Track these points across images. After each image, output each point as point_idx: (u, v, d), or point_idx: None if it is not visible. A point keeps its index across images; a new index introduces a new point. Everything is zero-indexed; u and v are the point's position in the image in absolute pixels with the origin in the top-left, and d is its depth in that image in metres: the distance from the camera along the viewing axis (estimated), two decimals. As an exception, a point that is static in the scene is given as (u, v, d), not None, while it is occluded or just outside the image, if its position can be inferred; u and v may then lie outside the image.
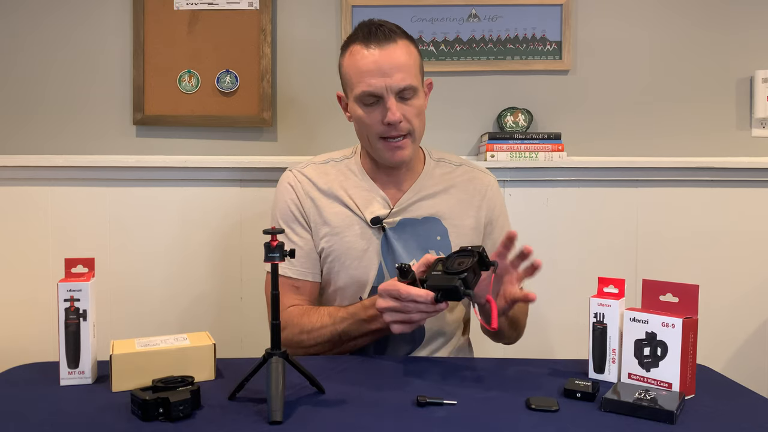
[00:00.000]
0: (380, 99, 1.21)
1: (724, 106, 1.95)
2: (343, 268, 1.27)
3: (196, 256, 1.91)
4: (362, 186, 1.31)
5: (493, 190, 1.37)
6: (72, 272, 1.02)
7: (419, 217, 1.29)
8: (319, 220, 1.30)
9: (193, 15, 1.89)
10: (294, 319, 1.23)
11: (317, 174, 1.33)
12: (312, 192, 1.31)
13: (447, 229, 1.30)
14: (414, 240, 1.28)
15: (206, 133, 1.92)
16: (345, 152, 1.38)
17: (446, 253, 1.28)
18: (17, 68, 1.89)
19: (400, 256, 1.26)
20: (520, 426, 0.85)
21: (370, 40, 1.21)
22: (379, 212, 1.28)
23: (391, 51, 1.20)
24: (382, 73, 1.19)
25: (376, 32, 1.21)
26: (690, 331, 0.96)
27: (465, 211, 1.32)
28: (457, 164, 1.38)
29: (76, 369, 0.99)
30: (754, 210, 1.94)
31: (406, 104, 1.22)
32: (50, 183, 1.88)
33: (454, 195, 1.33)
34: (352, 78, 1.24)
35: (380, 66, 1.19)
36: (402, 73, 1.20)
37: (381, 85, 1.20)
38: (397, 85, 1.20)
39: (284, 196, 1.33)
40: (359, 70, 1.21)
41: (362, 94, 1.22)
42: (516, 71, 1.93)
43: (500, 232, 1.36)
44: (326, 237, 1.29)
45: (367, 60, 1.20)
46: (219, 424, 0.85)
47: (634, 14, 1.93)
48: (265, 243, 0.91)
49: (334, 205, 1.30)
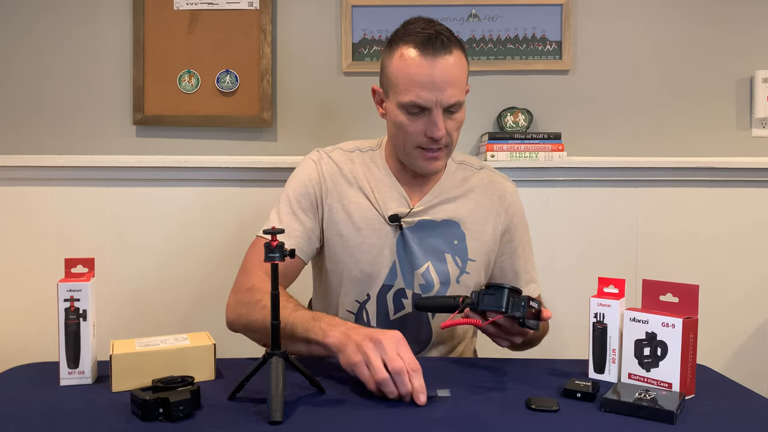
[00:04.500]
0: (426, 111, 1.18)
1: (724, 106, 1.95)
2: (355, 260, 1.26)
3: (196, 256, 1.91)
4: (384, 181, 1.29)
5: (514, 197, 1.35)
6: (72, 272, 1.01)
7: (438, 220, 1.27)
8: (337, 205, 1.27)
9: (193, 15, 1.89)
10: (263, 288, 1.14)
11: (343, 160, 1.31)
12: (335, 176, 1.29)
13: (465, 234, 1.28)
14: (430, 242, 1.27)
15: (206, 133, 1.92)
16: (371, 143, 1.35)
17: (462, 259, 1.27)
18: (17, 68, 1.90)
19: (416, 257, 1.25)
20: (520, 426, 0.85)
21: (427, 48, 1.15)
22: (398, 210, 1.26)
23: (446, 64, 1.15)
24: (434, 87, 1.15)
25: (435, 42, 1.15)
26: (690, 331, 0.96)
27: (484, 217, 1.31)
28: (478, 168, 1.36)
29: (76, 369, 0.99)
30: (754, 210, 1.94)
31: (450, 118, 1.19)
32: (50, 183, 1.88)
33: (473, 199, 1.31)
34: (400, 83, 1.18)
35: (434, 79, 1.15)
36: (453, 89, 1.16)
37: (432, 99, 1.16)
38: (448, 101, 1.16)
39: (305, 172, 1.30)
40: (411, 79, 1.16)
41: (410, 103, 1.17)
42: (516, 71, 1.94)
43: (519, 241, 1.34)
44: (343, 224, 1.26)
45: (421, 70, 1.15)
46: (219, 424, 0.85)
47: (634, 14, 1.94)
48: (265, 243, 0.91)
49: (355, 194, 1.27)
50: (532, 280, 1.36)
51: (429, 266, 1.26)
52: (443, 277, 1.26)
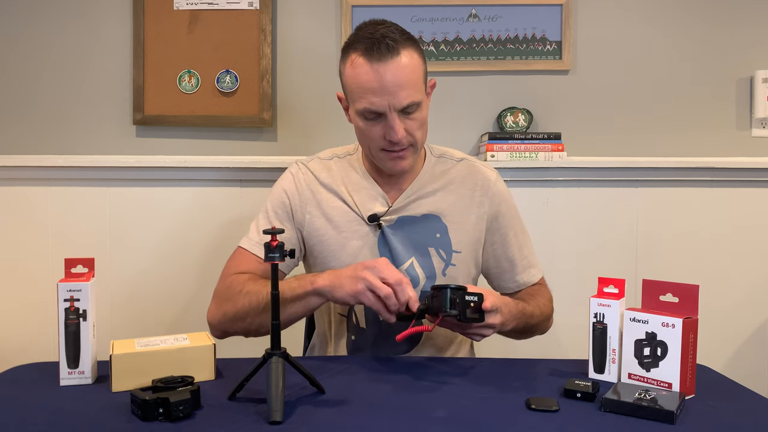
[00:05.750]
0: (382, 115, 1.17)
1: (724, 106, 1.95)
2: (339, 264, 1.26)
3: (196, 256, 1.91)
4: (362, 183, 1.30)
5: (496, 184, 1.33)
6: (72, 272, 1.02)
7: (418, 215, 1.28)
8: (316, 212, 1.28)
9: (193, 15, 1.89)
10: (239, 279, 1.21)
11: (320, 168, 1.32)
12: (313, 185, 1.30)
13: (447, 227, 1.29)
14: (412, 237, 1.27)
15: (206, 133, 1.92)
16: (348, 148, 1.37)
17: (446, 251, 1.28)
18: (17, 68, 1.90)
19: (398, 253, 1.26)
20: (520, 426, 0.85)
21: (372, 54, 1.14)
22: (377, 210, 1.27)
23: (394, 67, 1.14)
24: (385, 92, 1.14)
25: (379, 46, 1.14)
26: (690, 331, 0.96)
27: (466, 207, 1.30)
28: (458, 159, 1.35)
29: (76, 369, 0.99)
30: (754, 210, 1.94)
31: (409, 118, 1.19)
32: (50, 183, 1.88)
33: (453, 191, 1.31)
34: (354, 91, 1.19)
35: (383, 84, 1.14)
36: (406, 91, 1.15)
37: (384, 104, 1.15)
38: (401, 104, 1.16)
39: (282, 185, 1.32)
40: (361, 87, 1.16)
41: (364, 110, 1.18)
42: (516, 71, 1.94)
43: (509, 227, 1.33)
44: (323, 230, 1.28)
45: (369, 77, 1.15)
46: (219, 424, 0.85)
47: (634, 14, 1.94)
48: (266, 243, 0.91)
49: (333, 199, 1.29)
50: (530, 265, 1.35)
51: (413, 262, 1.26)
52: (428, 272, 1.27)
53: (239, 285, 1.20)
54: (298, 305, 1.13)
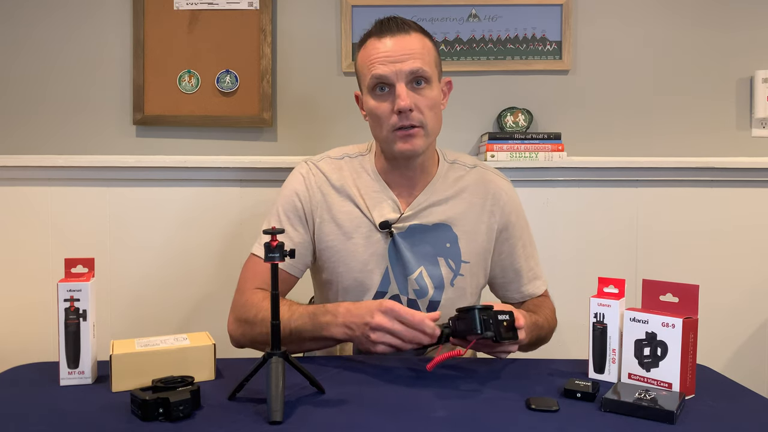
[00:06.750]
0: (391, 87, 1.19)
1: (724, 106, 1.95)
2: (348, 269, 1.26)
3: (196, 256, 1.91)
4: (374, 187, 1.28)
5: (508, 194, 1.33)
6: (72, 272, 1.02)
7: (430, 224, 1.26)
8: (326, 216, 1.27)
9: (193, 15, 1.89)
10: (255, 300, 1.20)
11: (331, 169, 1.30)
12: (324, 186, 1.28)
13: (457, 236, 1.27)
14: (423, 247, 1.26)
15: (206, 133, 1.92)
16: (360, 148, 1.34)
17: (455, 261, 1.27)
18: (17, 68, 1.89)
19: (408, 262, 1.25)
20: (520, 426, 0.85)
21: (383, 31, 1.20)
22: (388, 216, 1.25)
23: (403, 39, 1.19)
24: (392, 60, 1.18)
25: (389, 23, 1.20)
26: (690, 331, 0.96)
27: (477, 217, 1.29)
28: (471, 166, 1.34)
29: (76, 369, 0.99)
30: (754, 210, 1.94)
31: (417, 93, 1.19)
32: (50, 183, 1.88)
33: (465, 199, 1.29)
34: (364, 69, 1.22)
35: (391, 54, 1.18)
36: (413, 59, 1.18)
37: (391, 71, 1.17)
38: (408, 69, 1.17)
39: (293, 185, 1.30)
40: (369, 59, 1.20)
41: (372, 83, 1.20)
42: (516, 71, 1.93)
43: (518, 238, 1.33)
44: (333, 235, 1.26)
45: (379, 49, 1.19)
46: (219, 424, 0.85)
47: (634, 14, 1.93)
48: (265, 243, 0.91)
49: (344, 203, 1.27)
50: (536, 277, 1.35)
51: (422, 271, 1.26)
52: (437, 282, 1.26)
53: (254, 308, 1.19)
54: (313, 344, 1.17)
